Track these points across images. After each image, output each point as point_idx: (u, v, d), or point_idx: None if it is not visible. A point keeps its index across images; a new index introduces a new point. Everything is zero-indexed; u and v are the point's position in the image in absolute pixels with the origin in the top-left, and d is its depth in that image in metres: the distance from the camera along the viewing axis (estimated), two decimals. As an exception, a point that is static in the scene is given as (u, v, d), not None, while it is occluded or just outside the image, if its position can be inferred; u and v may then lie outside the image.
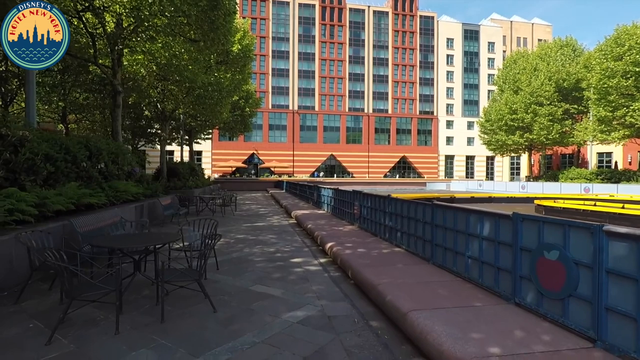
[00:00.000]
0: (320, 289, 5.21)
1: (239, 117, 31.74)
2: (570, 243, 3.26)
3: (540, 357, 2.76)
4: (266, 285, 5.37)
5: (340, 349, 3.41)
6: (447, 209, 5.30)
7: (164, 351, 3.33)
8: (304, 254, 7.54)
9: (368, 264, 5.62)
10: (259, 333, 3.74)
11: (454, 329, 3.17)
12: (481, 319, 3.45)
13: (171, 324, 3.92)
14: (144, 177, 14.83)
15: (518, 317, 3.54)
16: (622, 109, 28.58)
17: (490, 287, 4.30)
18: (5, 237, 4.98)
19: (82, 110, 21.47)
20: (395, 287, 4.45)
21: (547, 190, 30.32)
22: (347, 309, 4.47)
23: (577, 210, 14.56)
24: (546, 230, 3.54)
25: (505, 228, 4.09)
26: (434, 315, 3.53)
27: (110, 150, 10.85)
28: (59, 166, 7.88)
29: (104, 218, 7.00)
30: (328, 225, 10.06)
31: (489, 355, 2.74)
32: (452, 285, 4.58)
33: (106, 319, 4.02)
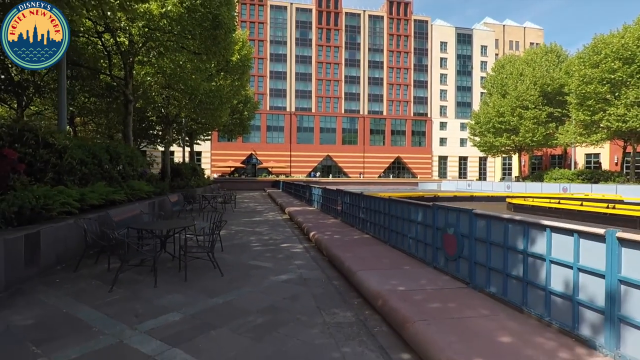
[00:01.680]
0: (301, 263, 6.86)
1: (238, 120, 33.37)
2: (460, 223, 4.92)
3: (430, 291, 4.42)
4: (260, 261, 7.01)
5: (309, 294, 5.06)
6: (398, 202, 6.95)
7: (190, 295, 4.97)
8: (292, 241, 9.19)
9: (339, 245, 7.28)
10: (254, 287, 5.39)
11: (381, 279, 4.83)
12: (403, 275, 5.11)
13: (191, 282, 5.56)
14: (153, 177, 16.44)
15: (430, 274, 5.21)
16: (599, 114, 30.35)
17: (422, 258, 5.96)
18: (61, 223, 6.59)
19: (89, 113, 22.98)
20: (354, 258, 6.11)
21: (530, 189, 32.05)
22: (318, 274, 6.12)
23: (541, 207, 16.25)
24: (449, 215, 5.20)
25: (429, 215, 5.74)
26: (373, 273, 5.19)
27: (126, 154, 12.46)
28: (90, 168, 9.50)
29: (127, 211, 8.64)
30: (315, 219, 11.72)
31: (396, 290, 4.40)
32: (396, 257, 6.24)
33: (145, 279, 5.66)
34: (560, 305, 3.36)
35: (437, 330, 3.27)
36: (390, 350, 3.46)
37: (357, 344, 3.59)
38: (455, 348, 2.93)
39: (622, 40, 28.66)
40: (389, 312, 3.90)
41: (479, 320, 3.53)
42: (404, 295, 4.21)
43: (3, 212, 5.56)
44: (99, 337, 3.65)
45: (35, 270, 5.70)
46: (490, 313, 3.71)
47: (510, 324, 3.43)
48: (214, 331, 3.84)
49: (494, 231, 4.29)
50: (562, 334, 3.24)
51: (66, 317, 4.18)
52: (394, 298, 4.10)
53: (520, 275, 3.83)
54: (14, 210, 5.74)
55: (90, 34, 13.32)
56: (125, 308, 4.45)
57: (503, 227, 4.10)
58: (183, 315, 4.24)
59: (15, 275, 5.19)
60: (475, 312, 3.72)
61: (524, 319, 3.58)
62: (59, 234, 6.45)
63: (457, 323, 3.45)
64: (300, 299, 4.90)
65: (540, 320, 3.52)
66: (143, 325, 3.95)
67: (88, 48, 14.80)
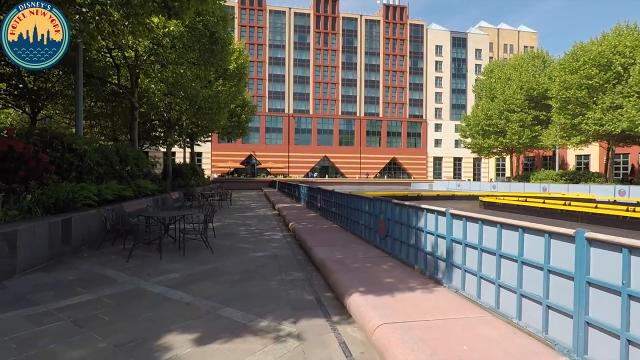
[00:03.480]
0: (277, 245, 8.55)
1: (237, 122, 35.12)
2: (387, 210, 6.60)
3: (359, 258, 6.10)
4: (244, 244, 8.71)
5: (276, 264, 6.75)
6: (354, 197, 8.64)
7: (186, 264, 6.66)
8: (274, 230, 10.88)
9: (308, 232, 8.97)
10: (236, 260, 7.08)
11: (329, 252, 6.53)
12: (347, 250, 6.80)
13: (188, 256, 7.26)
14: (156, 177, 18.16)
15: (368, 249, 6.90)
16: (579, 117, 31.98)
17: (367, 238, 7.65)
18: (85, 212, 8.28)
19: (95, 117, 24.72)
20: (316, 240, 7.79)
21: (514, 189, 33.69)
22: (288, 252, 7.81)
23: (509, 205, 17.91)
24: (382, 205, 6.88)
25: (371, 205, 7.42)
26: (325, 248, 6.88)
27: (133, 156, 14.18)
28: (104, 169, 11.21)
29: (136, 204, 10.35)
30: (298, 214, 13.41)
31: (335, 257, 6.09)
32: (349, 239, 7.93)
33: (152, 255, 7.36)
34: (430, 260, 5.04)
35: (347, 277, 4.95)
36: (320, 291, 5.15)
37: (299, 289, 5.28)
38: (353, 283, 4.61)
39: (599, 47, 30.29)
40: (324, 269, 5.59)
41: (380, 272, 5.22)
42: (338, 260, 5.89)
43: (44, 202, 7.27)
44: (123, 285, 5.36)
45: (68, 248, 7.40)
46: (390, 268, 5.40)
47: (398, 273, 5.12)
48: (202, 282, 5.53)
49: (404, 215, 5.97)
50: (428, 277, 4.91)
51: (97, 275, 5.88)
52: (330, 261, 5.79)
53: (414, 244, 5.51)
54: (51, 202, 7.44)
55: (101, 50, 15.04)
56: (139, 271, 6.15)
57: (407, 212, 5.79)
58: (181, 275, 5.94)
59: (55, 250, 6.89)
60: (380, 268, 5.41)
61: (410, 271, 5.27)
62: (84, 221, 8.15)
63: (363, 273, 5.14)
64: (269, 266, 6.59)
65: (422, 273, 5.20)
66: (153, 279, 5.65)
67: (99, 62, 16.53)
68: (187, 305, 4.54)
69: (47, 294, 4.87)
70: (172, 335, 3.66)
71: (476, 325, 3.40)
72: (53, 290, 5.03)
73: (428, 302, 4.02)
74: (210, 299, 4.78)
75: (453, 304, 3.98)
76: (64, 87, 20.01)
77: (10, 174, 7.36)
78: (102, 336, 3.62)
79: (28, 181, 7.46)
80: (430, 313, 3.66)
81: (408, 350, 2.82)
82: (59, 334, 3.67)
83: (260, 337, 3.64)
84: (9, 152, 7.48)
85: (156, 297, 4.87)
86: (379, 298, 4.08)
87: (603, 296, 2.71)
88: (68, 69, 16.02)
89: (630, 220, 13.12)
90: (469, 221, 4.25)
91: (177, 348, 3.41)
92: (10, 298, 4.70)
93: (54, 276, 5.77)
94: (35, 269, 6.09)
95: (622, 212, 13.66)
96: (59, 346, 3.41)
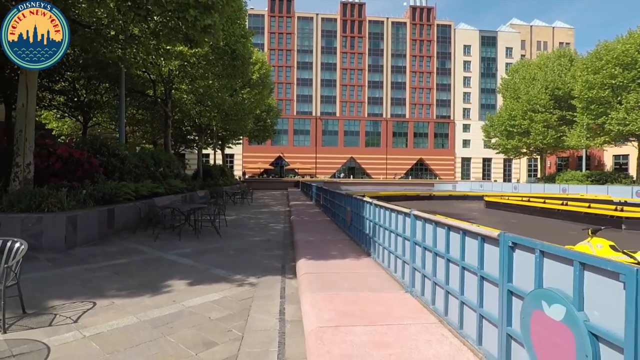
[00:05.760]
0: (274, 233, 10.42)
1: (262, 126, 37.58)
2: (352, 203, 8.25)
3: (326, 240, 7.81)
4: (249, 232, 10.65)
5: (266, 244, 8.60)
6: (339, 195, 10.32)
7: (198, 244, 8.65)
8: (278, 223, 12.77)
9: (301, 223, 10.75)
10: (238, 242, 9.01)
11: (306, 236, 8.28)
12: (322, 235, 8.52)
13: (201, 239, 9.26)
14: (186, 177, 20.65)
15: (339, 235, 8.57)
16: (602, 117, 31.55)
17: (343, 228, 9.32)
18: (125, 204, 10.54)
19: (137, 123, 27.79)
20: (302, 229, 9.56)
21: (534, 190, 33.66)
22: (280, 237, 9.65)
23: (512, 204, 18.79)
24: (353, 201, 8.53)
25: (346, 200, 9.08)
26: (305, 234, 8.64)
27: (166, 159, 16.60)
28: (141, 170, 13.58)
29: (166, 200, 12.57)
30: (304, 209, 15.23)
31: (307, 239, 7.84)
32: (330, 229, 9.64)
33: (174, 238, 9.44)
34: (367, 239, 6.68)
35: (305, 251, 6.69)
36: (287, 262, 6.93)
37: (274, 260, 7.09)
38: (306, 254, 6.35)
39: (624, 46, 29.82)
40: (295, 247, 7.37)
41: (333, 249, 6.92)
42: (308, 241, 7.65)
43: (95, 196, 9.55)
44: (149, 254, 7.42)
45: (112, 232, 9.64)
46: (344, 247, 7.08)
47: (347, 250, 6.79)
48: (206, 255, 7.49)
49: (360, 207, 7.61)
50: (366, 253, 6.53)
51: (132, 249, 8.00)
52: (301, 242, 7.57)
53: (361, 228, 7.15)
54: (100, 196, 9.72)
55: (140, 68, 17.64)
56: (163, 247, 8.22)
57: (359, 204, 7.43)
58: (192, 250, 7.94)
59: (102, 232, 9.12)
60: (336, 247, 7.11)
61: (357, 249, 6.93)
62: (124, 211, 10.41)
63: (319, 249, 6.86)
64: (260, 246, 8.46)
65: (365, 251, 6.84)
66: (171, 252, 7.68)
67: (138, 77, 19.20)
68: (190, 267, 6.48)
69: (97, 258, 7.01)
70: (174, 280, 5.59)
71: (367, 275, 5.05)
72: (101, 256, 7.17)
73: (350, 264, 5.69)
74: (207, 263, 6.70)
75: (366, 265, 5.63)
76: (110, 98, 23.06)
77: (70, 174, 9.72)
78: (131, 279, 5.62)
79: (83, 180, 9.78)
80: (344, 269, 5.35)
81: (307, 284, 4.54)
82: (105, 277, 5.72)
83: (229, 284, 5.50)
84: (70, 157, 9.86)
85: (170, 261, 6.87)
86: (316, 262, 5.81)
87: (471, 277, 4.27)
88: (113, 84, 18.75)
89: (616, 219, 13.82)
90: (385, 210, 5.87)
91: (175, 286, 5.33)
92: (75, 259, 6.86)
93: (102, 249, 7.95)
94: (88, 245, 8.31)
95: (610, 212, 14.33)
96: (105, 283, 5.43)
